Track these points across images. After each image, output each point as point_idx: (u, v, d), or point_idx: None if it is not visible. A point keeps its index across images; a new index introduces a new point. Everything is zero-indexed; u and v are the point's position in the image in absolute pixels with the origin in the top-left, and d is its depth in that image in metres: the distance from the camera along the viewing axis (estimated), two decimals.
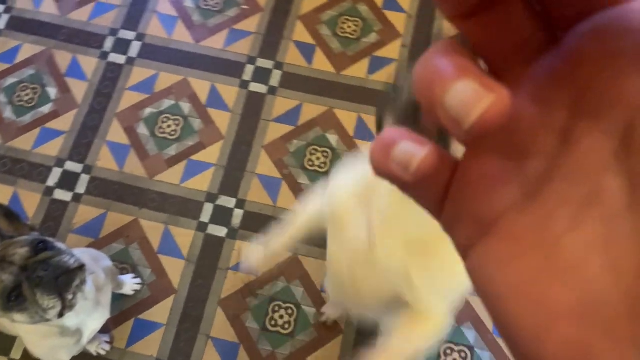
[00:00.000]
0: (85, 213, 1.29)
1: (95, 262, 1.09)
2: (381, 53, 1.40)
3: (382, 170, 0.15)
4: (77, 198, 1.30)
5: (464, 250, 0.16)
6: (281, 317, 1.19)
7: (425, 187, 0.16)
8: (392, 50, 1.40)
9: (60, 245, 0.93)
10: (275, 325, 1.18)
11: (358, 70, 1.39)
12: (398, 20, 1.43)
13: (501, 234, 0.15)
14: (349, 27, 1.44)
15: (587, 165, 0.14)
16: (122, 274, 1.23)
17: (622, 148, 0.13)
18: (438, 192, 0.16)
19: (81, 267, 0.91)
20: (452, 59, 0.13)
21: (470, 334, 1.17)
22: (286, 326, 1.18)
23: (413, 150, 0.14)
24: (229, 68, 1.40)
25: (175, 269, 1.24)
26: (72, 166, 1.33)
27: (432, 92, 0.13)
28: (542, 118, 0.14)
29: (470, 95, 0.12)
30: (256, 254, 0.83)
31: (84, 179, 1.31)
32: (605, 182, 0.14)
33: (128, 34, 1.45)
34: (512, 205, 0.15)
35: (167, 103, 1.38)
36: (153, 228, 1.27)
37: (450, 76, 0.13)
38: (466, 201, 0.15)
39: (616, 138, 0.13)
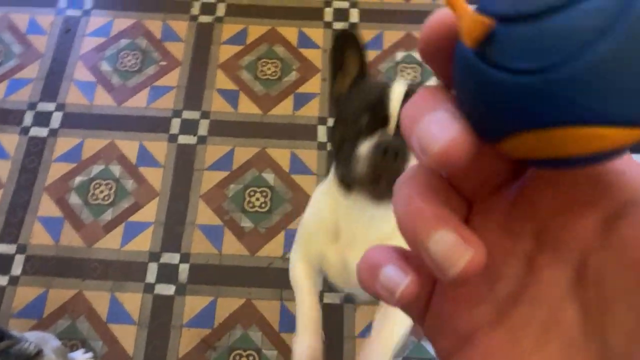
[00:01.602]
0: (24, 294, 1.23)
1: (43, 344, 1.04)
2: (303, 89, 1.44)
3: (370, 289, 0.17)
4: (13, 281, 1.24)
5: (445, 359, 0.17)
6: None
7: (409, 306, 0.18)
8: (314, 85, 1.44)
9: (14, 332, 0.90)
10: None
11: (284, 109, 1.42)
12: (314, 56, 1.48)
13: (477, 349, 0.16)
14: (269, 69, 1.47)
15: (547, 292, 0.15)
16: (72, 351, 1.18)
17: (577, 280, 0.15)
18: (421, 307, 0.18)
19: (39, 353, 0.89)
20: (432, 205, 0.15)
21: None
22: None
23: (396, 279, 0.16)
24: (155, 124, 1.40)
25: (128, 336, 1.20)
26: (4, 248, 1.27)
27: (415, 236, 0.15)
28: (510, 246, 0.16)
29: (451, 247, 0.14)
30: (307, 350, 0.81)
31: (19, 260, 1.26)
32: (563, 309, 0.15)
33: (48, 106, 1.43)
34: (486, 322, 0.16)
35: (97, 169, 1.36)
36: (98, 297, 1.23)
37: (432, 224, 0.14)
38: (445, 316, 0.17)
39: (573, 270, 0.15)
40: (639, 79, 0.12)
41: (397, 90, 0.63)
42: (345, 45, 0.71)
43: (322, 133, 1.38)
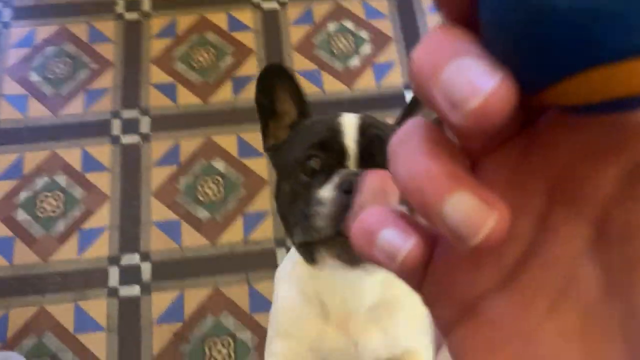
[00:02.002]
0: None
1: None
2: (240, 72, 1.43)
3: (366, 256, 0.15)
4: None
5: (445, 329, 0.15)
6: (219, 352, 1.17)
7: (410, 272, 0.15)
8: (250, 67, 1.44)
9: None
10: None
11: (224, 95, 1.41)
12: (247, 38, 1.47)
13: (481, 319, 0.14)
14: (203, 57, 1.46)
15: (563, 253, 0.14)
16: None
17: (597, 238, 0.13)
18: (419, 272, 0.15)
19: None
20: (442, 162, 0.13)
21: None
22: (227, 359, 1.16)
23: (398, 243, 0.14)
24: (95, 128, 1.37)
25: (99, 344, 1.18)
26: None
27: (426, 202, 0.13)
28: (520, 202, 0.14)
29: (471, 212, 0.12)
30: None
31: None
32: (581, 270, 0.13)
33: None
34: (490, 289, 0.14)
35: (41, 182, 1.32)
36: (62, 310, 1.20)
37: (445, 186, 0.12)
38: (446, 281, 0.15)
39: (591, 227, 0.13)
40: None
41: (349, 121, 0.54)
42: (273, 84, 0.59)
43: None
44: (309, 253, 0.53)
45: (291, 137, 0.59)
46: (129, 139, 1.36)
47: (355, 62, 1.44)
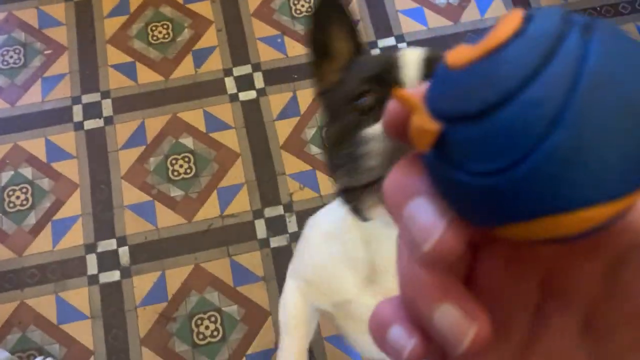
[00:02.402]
0: None
1: None
2: (200, 45, 1.39)
3: (382, 349, 0.16)
4: None
5: None
6: (207, 327, 1.17)
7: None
8: (209, 38, 1.40)
9: None
10: (204, 338, 1.16)
11: (185, 69, 1.37)
12: (203, 8, 1.43)
13: None
14: (160, 32, 1.41)
15: (558, 344, 0.15)
16: None
17: (586, 330, 0.14)
18: (439, 356, 0.17)
19: None
20: (434, 275, 0.14)
21: None
22: (215, 333, 1.16)
23: (402, 342, 0.15)
24: (56, 116, 1.33)
25: (84, 331, 1.17)
26: None
27: (418, 309, 0.14)
28: (517, 293, 0.15)
29: (455, 324, 0.13)
30: None
31: None
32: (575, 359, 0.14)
33: None
34: None
35: (7, 175, 1.29)
36: (43, 302, 1.19)
37: (434, 297, 0.14)
38: None
39: (581, 320, 0.14)
40: (600, 159, 0.11)
41: (410, 55, 0.46)
42: (328, 20, 0.53)
43: (230, 84, 1.35)
44: (354, 202, 0.47)
45: (343, 77, 0.53)
46: (92, 124, 1.33)
47: None
